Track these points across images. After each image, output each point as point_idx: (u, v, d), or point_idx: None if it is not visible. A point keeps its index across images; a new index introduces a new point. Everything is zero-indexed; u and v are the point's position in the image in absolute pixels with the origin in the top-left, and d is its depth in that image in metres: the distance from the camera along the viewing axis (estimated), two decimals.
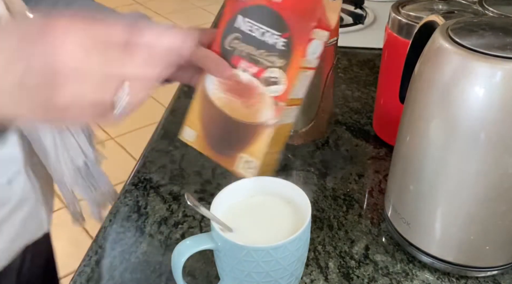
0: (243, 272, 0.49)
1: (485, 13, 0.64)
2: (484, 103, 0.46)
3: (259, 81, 0.61)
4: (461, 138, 0.48)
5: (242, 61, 0.62)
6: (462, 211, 0.52)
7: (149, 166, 0.76)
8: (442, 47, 0.49)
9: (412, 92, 0.53)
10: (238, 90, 0.63)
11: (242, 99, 0.62)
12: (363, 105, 0.89)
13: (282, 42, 0.59)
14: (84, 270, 0.59)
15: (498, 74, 0.45)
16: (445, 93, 0.48)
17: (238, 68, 0.62)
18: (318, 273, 0.58)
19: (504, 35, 0.49)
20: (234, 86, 0.63)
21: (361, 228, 0.64)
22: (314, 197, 0.69)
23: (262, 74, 0.61)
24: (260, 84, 0.61)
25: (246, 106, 0.62)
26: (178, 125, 0.85)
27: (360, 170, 0.74)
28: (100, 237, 0.63)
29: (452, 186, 0.51)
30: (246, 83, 0.62)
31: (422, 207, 0.55)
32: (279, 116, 0.61)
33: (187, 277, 0.57)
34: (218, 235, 0.48)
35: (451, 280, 0.57)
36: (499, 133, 0.47)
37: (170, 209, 0.67)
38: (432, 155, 0.51)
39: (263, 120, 0.61)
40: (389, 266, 0.58)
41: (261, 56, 0.61)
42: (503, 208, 0.51)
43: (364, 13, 1.23)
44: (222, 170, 0.74)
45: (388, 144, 0.78)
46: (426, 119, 0.51)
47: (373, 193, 0.70)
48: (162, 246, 0.62)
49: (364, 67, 1.02)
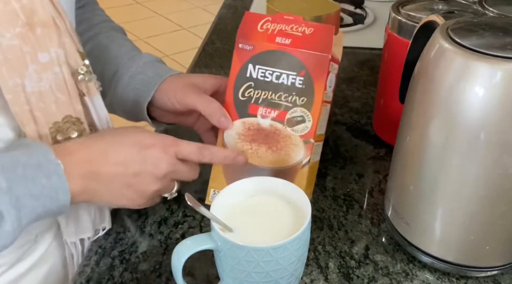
0: (243, 272, 0.49)
1: (485, 13, 0.64)
2: (484, 103, 0.46)
3: (282, 124, 0.61)
4: (461, 138, 0.48)
5: (260, 108, 0.62)
6: (462, 211, 0.52)
7: None
8: (442, 47, 0.49)
9: (412, 92, 0.53)
10: (262, 138, 0.62)
11: (268, 145, 0.62)
12: (363, 105, 0.89)
13: (300, 81, 0.60)
14: (84, 270, 0.59)
15: (498, 74, 0.45)
16: (445, 93, 0.48)
17: (258, 116, 0.62)
18: (318, 273, 0.58)
19: (504, 35, 0.49)
20: (256, 135, 0.62)
21: (361, 228, 0.64)
22: (314, 197, 0.69)
23: (285, 116, 0.61)
24: (285, 126, 0.61)
25: (273, 151, 0.62)
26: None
27: (360, 170, 0.74)
28: (100, 237, 0.63)
29: (452, 186, 0.51)
30: (269, 129, 0.62)
31: (422, 207, 0.55)
32: (310, 154, 0.61)
33: (187, 277, 0.57)
34: (218, 235, 0.48)
35: (451, 280, 0.57)
36: (499, 133, 0.47)
37: (170, 209, 0.67)
38: (432, 155, 0.51)
39: (295, 162, 0.61)
40: (389, 266, 0.58)
41: (280, 99, 0.61)
42: (503, 208, 0.51)
43: (364, 13, 1.23)
44: None
45: (388, 143, 0.78)
46: (426, 119, 0.51)
47: (373, 193, 0.70)
48: (162, 246, 0.62)
49: (364, 67, 1.02)
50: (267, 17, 0.61)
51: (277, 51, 0.61)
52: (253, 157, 0.63)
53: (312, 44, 0.59)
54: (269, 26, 0.61)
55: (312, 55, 0.59)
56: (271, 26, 0.61)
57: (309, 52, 0.59)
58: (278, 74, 0.61)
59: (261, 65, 0.61)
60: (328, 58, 0.59)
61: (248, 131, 0.62)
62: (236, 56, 0.63)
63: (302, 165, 0.61)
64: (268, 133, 0.62)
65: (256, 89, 0.62)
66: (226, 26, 1.23)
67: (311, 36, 0.59)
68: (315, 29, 0.59)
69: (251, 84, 0.62)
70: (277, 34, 0.60)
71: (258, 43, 0.61)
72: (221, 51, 1.09)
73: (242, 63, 0.62)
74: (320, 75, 0.59)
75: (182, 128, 0.74)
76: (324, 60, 0.59)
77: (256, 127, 0.62)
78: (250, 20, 0.62)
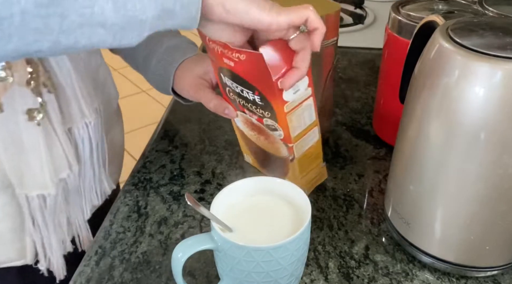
0: (243, 272, 0.49)
1: (485, 13, 0.64)
2: (484, 103, 0.46)
3: (264, 127, 0.63)
4: (461, 138, 0.48)
5: (244, 109, 0.63)
6: (462, 211, 0.52)
7: (149, 166, 0.76)
8: (442, 47, 0.49)
9: (412, 92, 0.53)
10: (258, 130, 0.65)
11: (264, 136, 0.65)
12: (363, 105, 0.89)
13: (258, 98, 0.58)
14: (84, 270, 0.59)
15: (498, 74, 0.45)
16: (445, 93, 0.48)
17: (246, 114, 0.63)
18: (318, 273, 0.58)
19: (504, 35, 0.49)
20: (253, 126, 0.65)
21: (361, 228, 0.64)
22: (314, 197, 0.69)
23: (262, 121, 0.62)
24: (266, 129, 0.63)
25: (269, 142, 0.65)
26: (178, 125, 0.85)
27: (360, 170, 0.74)
28: (100, 237, 0.63)
29: (452, 186, 0.51)
30: (259, 125, 0.63)
31: (422, 207, 0.55)
32: (293, 153, 0.63)
33: (187, 277, 0.57)
34: (218, 235, 0.48)
35: (451, 280, 0.57)
36: (499, 133, 0.47)
37: (170, 209, 0.67)
38: (432, 155, 0.51)
39: (284, 156, 0.64)
40: (389, 266, 0.58)
41: (251, 108, 0.61)
42: (503, 208, 0.51)
43: (364, 13, 1.23)
44: (222, 169, 0.74)
45: (388, 143, 0.78)
46: (426, 119, 0.51)
47: (373, 193, 0.70)
48: (162, 246, 0.62)
49: (364, 67, 1.02)
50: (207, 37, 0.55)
51: (230, 70, 0.57)
52: (258, 141, 0.67)
53: (251, 70, 0.55)
54: (214, 45, 0.55)
55: (258, 79, 0.55)
56: (214, 45, 0.55)
57: (254, 77, 0.55)
58: (241, 89, 0.59)
59: (226, 77, 0.60)
60: (273, 82, 0.54)
61: (246, 121, 0.65)
62: (212, 62, 0.62)
63: (290, 159, 0.64)
64: (260, 128, 0.64)
65: (234, 95, 0.62)
66: None
67: (246, 63, 0.54)
68: (246, 56, 0.53)
69: (229, 90, 0.62)
70: (221, 55, 0.56)
71: (215, 59, 0.58)
72: None
73: (216, 70, 0.61)
74: (274, 96, 0.56)
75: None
76: (270, 84, 0.54)
77: (250, 121, 0.65)
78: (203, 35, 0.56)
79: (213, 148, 0.79)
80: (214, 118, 0.86)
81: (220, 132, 0.82)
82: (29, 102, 0.56)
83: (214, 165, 0.75)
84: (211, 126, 0.84)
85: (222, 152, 0.78)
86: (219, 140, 0.81)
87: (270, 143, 0.65)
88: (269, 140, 0.65)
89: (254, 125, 0.65)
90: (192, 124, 0.85)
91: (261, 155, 0.70)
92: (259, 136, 0.66)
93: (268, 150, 0.66)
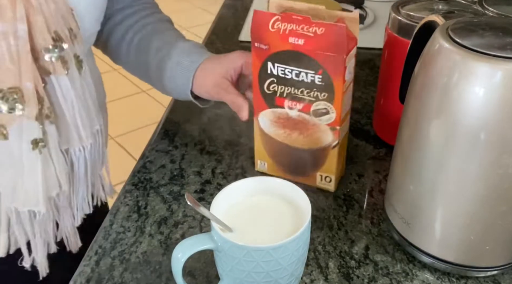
0: (243, 272, 0.49)
1: (485, 13, 0.64)
2: (484, 103, 0.46)
3: (309, 115, 0.64)
4: (461, 138, 0.48)
5: (285, 101, 0.65)
6: (462, 211, 0.52)
7: (149, 166, 0.76)
8: (442, 47, 0.49)
9: (412, 92, 0.53)
10: (292, 125, 0.66)
11: (299, 131, 0.66)
12: (363, 105, 0.89)
13: (319, 78, 0.60)
14: (84, 270, 0.59)
15: (498, 74, 0.45)
16: (445, 93, 0.48)
17: (285, 108, 0.65)
18: (318, 273, 0.58)
19: (504, 35, 0.49)
20: (287, 123, 0.66)
21: (361, 228, 0.64)
22: (314, 197, 0.69)
23: (310, 108, 0.63)
24: (311, 117, 0.64)
25: (304, 136, 0.66)
26: (178, 125, 0.85)
27: (360, 170, 0.74)
28: (100, 237, 0.63)
29: (452, 186, 0.51)
30: (297, 118, 0.65)
31: (422, 207, 0.55)
32: (338, 137, 0.64)
33: (187, 277, 0.57)
34: (218, 235, 0.48)
35: (451, 280, 0.57)
36: (499, 133, 0.47)
37: (170, 209, 0.67)
38: (432, 155, 0.51)
39: (325, 144, 0.65)
40: (389, 266, 0.58)
41: (302, 94, 0.63)
42: (503, 208, 0.51)
43: (364, 13, 1.23)
44: (222, 169, 0.74)
45: (388, 143, 0.78)
46: (426, 119, 0.51)
47: (373, 193, 0.70)
48: (162, 246, 0.62)
49: (364, 67, 1.02)
50: (276, 16, 0.60)
51: (293, 52, 0.60)
52: (288, 139, 0.67)
53: (325, 45, 0.58)
54: (280, 26, 0.60)
55: (327, 56, 0.59)
56: (282, 25, 0.60)
57: (324, 53, 0.59)
58: (297, 72, 0.61)
59: (279, 63, 0.62)
60: (343, 58, 0.58)
61: (279, 120, 0.66)
62: (255, 55, 0.63)
63: (333, 146, 0.65)
64: (297, 122, 0.65)
65: (279, 84, 0.63)
66: (226, 26, 1.23)
67: (323, 37, 0.58)
68: (326, 29, 0.58)
69: (274, 80, 0.63)
70: (289, 34, 0.60)
71: (273, 43, 0.61)
72: (221, 51, 1.09)
73: (262, 61, 0.63)
74: (338, 74, 0.59)
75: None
76: (340, 60, 0.58)
77: (285, 117, 0.66)
78: (261, 19, 0.61)
79: (213, 148, 0.79)
80: (214, 118, 0.86)
81: (220, 132, 0.82)
82: (34, 133, 0.57)
83: (214, 165, 0.75)
84: (211, 126, 0.84)
85: (222, 152, 0.78)
86: (219, 140, 0.81)
87: (306, 136, 0.66)
88: (305, 134, 0.66)
89: (288, 121, 0.66)
90: (192, 124, 0.85)
91: (285, 154, 0.70)
92: (291, 133, 0.67)
93: (301, 145, 0.67)
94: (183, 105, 0.89)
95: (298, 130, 0.66)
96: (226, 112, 0.86)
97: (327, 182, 0.69)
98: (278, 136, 0.68)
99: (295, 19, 0.59)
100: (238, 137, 0.81)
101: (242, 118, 0.68)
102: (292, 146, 0.68)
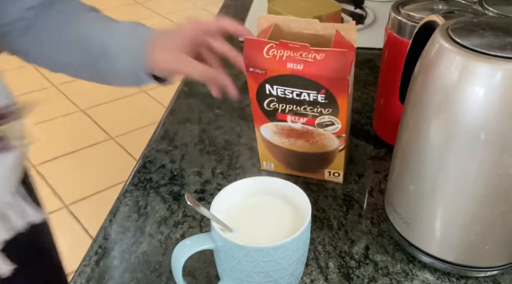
0: (243, 272, 0.49)
1: (485, 13, 0.64)
2: (484, 103, 0.46)
3: (314, 127, 0.64)
4: (461, 138, 0.48)
5: (288, 116, 0.64)
6: (462, 211, 0.52)
7: (149, 166, 0.76)
8: (442, 47, 0.49)
9: (412, 92, 0.53)
10: (297, 135, 0.66)
11: (304, 139, 0.67)
12: (363, 105, 0.89)
13: (322, 97, 0.60)
14: (84, 270, 0.59)
15: (498, 74, 0.45)
16: (445, 93, 0.48)
17: (288, 122, 0.65)
18: (318, 273, 0.58)
19: (504, 35, 0.49)
20: (292, 133, 0.66)
21: (361, 228, 0.64)
22: (314, 197, 0.69)
23: (314, 122, 0.63)
24: (316, 128, 0.64)
25: (310, 143, 0.67)
26: (178, 125, 0.85)
27: (360, 170, 0.74)
28: (100, 237, 0.63)
29: (452, 186, 0.51)
30: (301, 129, 0.65)
31: (422, 207, 0.55)
32: (345, 142, 0.65)
33: (187, 277, 0.57)
34: (218, 235, 0.48)
35: (451, 280, 0.57)
36: (499, 133, 0.47)
37: (170, 209, 0.67)
38: (432, 154, 0.51)
39: (333, 148, 0.66)
40: (389, 266, 0.58)
41: (305, 110, 0.62)
42: (503, 208, 0.51)
43: (364, 13, 1.23)
44: (222, 169, 0.74)
45: (388, 143, 0.78)
46: (426, 119, 0.51)
47: (373, 193, 0.70)
48: (162, 246, 0.62)
49: (364, 67, 1.02)
50: (270, 43, 0.58)
51: (293, 76, 0.59)
52: (293, 145, 0.68)
53: (327, 69, 0.57)
54: (275, 53, 0.58)
55: (330, 78, 0.58)
56: (277, 52, 0.58)
57: (326, 75, 0.58)
58: (298, 92, 0.60)
59: (278, 85, 0.61)
60: (347, 79, 0.57)
61: (282, 130, 0.66)
62: (251, 78, 0.62)
63: (339, 150, 0.66)
64: (302, 132, 0.65)
65: (280, 103, 0.63)
66: None
67: (324, 62, 0.57)
68: (326, 54, 0.56)
69: (274, 99, 0.62)
70: (286, 60, 0.58)
71: (269, 68, 0.59)
72: None
73: (259, 84, 0.62)
74: (342, 92, 0.59)
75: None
76: (343, 81, 0.57)
77: (288, 128, 0.66)
78: (253, 47, 0.59)
79: (213, 148, 0.79)
80: (214, 118, 0.86)
81: (220, 132, 0.82)
82: None
83: (214, 165, 0.75)
84: (211, 126, 0.84)
85: (222, 152, 0.78)
86: (219, 140, 0.81)
87: (312, 143, 0.66)
88: (311, 142, 0.66)
89: (292, 132, 0.66)
90: (192, 124, 0.85)
91: (292, 158, 0.70)
92: (296, 141, 0.67)
93: (306, 150, 0.68)
94: (183, 105, 0.90)
95: (303, 138, 0.66)
96: (226, 112, 0.86)
97: (335, 176, 0.70)
98: (283, 144, 0.68)
99: (292, 46, 0.57)
100: (238, 138, 0.81)
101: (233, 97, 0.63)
102: (299, 151, 0.68)
